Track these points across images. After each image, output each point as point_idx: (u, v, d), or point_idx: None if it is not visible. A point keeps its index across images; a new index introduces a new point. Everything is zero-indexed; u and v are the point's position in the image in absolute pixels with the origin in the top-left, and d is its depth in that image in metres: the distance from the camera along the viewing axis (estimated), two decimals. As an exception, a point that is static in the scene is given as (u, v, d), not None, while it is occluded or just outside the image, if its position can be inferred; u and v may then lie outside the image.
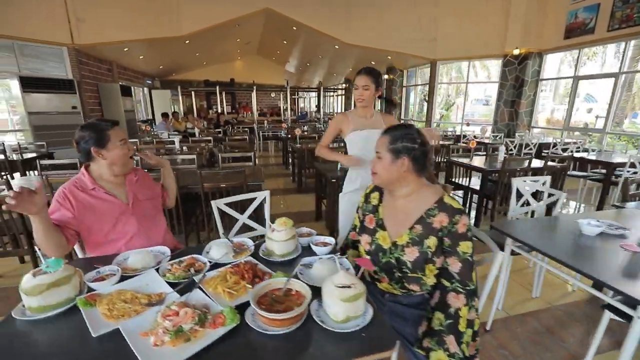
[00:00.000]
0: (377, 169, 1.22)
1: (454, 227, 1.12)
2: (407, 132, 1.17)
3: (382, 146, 1.20)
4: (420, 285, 1.20)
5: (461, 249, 1.13)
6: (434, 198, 1.17)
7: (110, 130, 1.44)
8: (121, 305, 1.00)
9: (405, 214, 1.21)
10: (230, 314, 0.92)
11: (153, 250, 1.38)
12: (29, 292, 0.96)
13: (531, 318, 2.11)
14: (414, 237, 1.17)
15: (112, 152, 1.44)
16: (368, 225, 1.31)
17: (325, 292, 0.94)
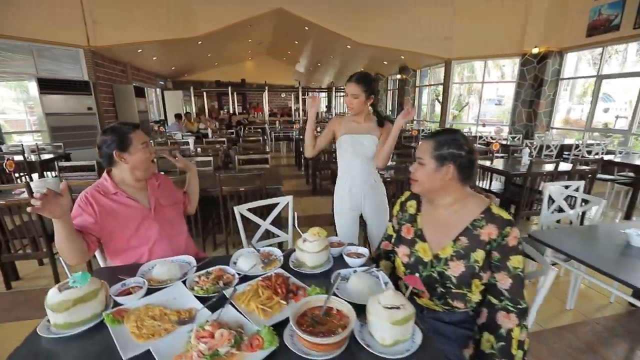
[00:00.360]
0: (418, 176, 1.13)
1: (504, 240, 1.04)
2: (453, 138, 1.08)
3: (425, 152, 1.11)
4: (465, 302, 1.11)
5: (512, 264, 1.04)
6: (479, 208, 1.09)
7: (132, 133, 1.41)
8: (150, 323, 0.94)
9: (448, 225, 1.13)
10: (268, 336, 0.85)
11: (178, 260, 1.32)
12: (55, 308, 0.90)
13: (568, 332, 1.99)
14: (459, 249, 1.08)
15: (134, 155, 1.41)
16: (405, 235, 1.23)
17: (372, 312, 0.86)
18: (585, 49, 6.76)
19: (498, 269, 1.05)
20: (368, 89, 1.82)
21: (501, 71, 9.76)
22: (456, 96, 10.54)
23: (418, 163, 1.13)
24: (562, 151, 5.84)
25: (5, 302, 2.31)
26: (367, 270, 1.21)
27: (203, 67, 14.32)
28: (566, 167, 3.51)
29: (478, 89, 9.39)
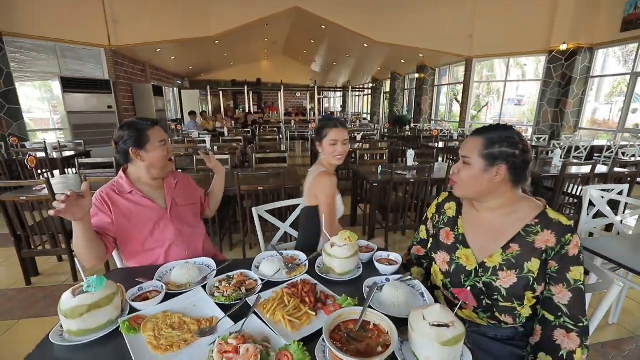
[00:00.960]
0: (462, 177, 1.01)
1: (564, 249, 0.92)
2: (507, 135, 0.96)
3: (472, 150, 0.98)
4: (515, 316, 0.99)
5: (572, 276, 0.92)
6: (533, 212, 0.97)
7: (150, 130, 1.35)
8: (168, 333, 0.86)
9: (495, 230, 1.01)
10: (298, 353, 0.76)
11: (197, 263, 1.25)
12: (68, 314, 0.84)
13: (612, 349, 1.83)
14: (510, 258, 0.97)
15: (151, 153, 1.35)
16: (445, 240, 1.11)
17: (417, 330, 0.75)
18: (619, 44, 6.39)
19: (555, 281, 0.94)
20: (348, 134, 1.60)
21: (522, 70, 9.39)
22: (475, 96, 10.23)
23: (463, 162, 1.01)
24: (593, 153, 5.54)
25: (25, 297, 2.31)
26: (401, 278, 1.10)
27: (219, 67, 14.46)
28: (602, 169, 3.29)
29: (497, 88, 9.07)
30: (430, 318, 0.75)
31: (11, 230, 2.30)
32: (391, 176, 2.73)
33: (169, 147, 1.43)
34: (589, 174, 2.99)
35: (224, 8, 7.80)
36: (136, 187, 1.38)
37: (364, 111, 17.75)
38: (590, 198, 2.12)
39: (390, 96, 13.34)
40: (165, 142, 1.39)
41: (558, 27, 6.79)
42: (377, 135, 6.91)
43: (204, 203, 1.67)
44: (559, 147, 4.67)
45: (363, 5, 8.40)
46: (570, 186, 3.13)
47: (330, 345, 0.73)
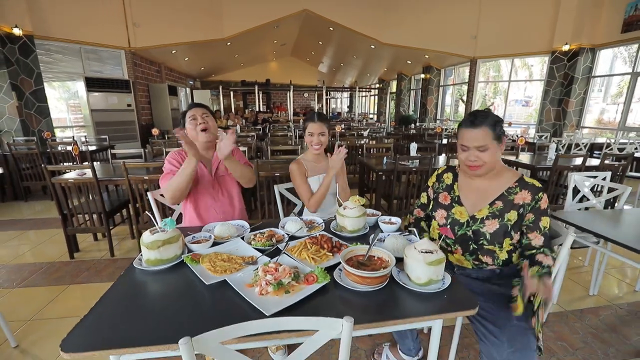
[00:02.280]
0: (486, 159, 1.21)
1: (537, 204, 1.22)
2: (494, 118, 1.21)
3: (485, 138, 1.19)
4: (494, 258, 1.27)
5: (542, 224, 1.22)
6: (513, 178, 1.28)
7: (189, 110, 1.69)
8: (221, 264, 1.14)
9: (484, 192, 1.30)
10: (321, 274, 1.03)
11: (233, 223, 1.53)
12: (149, 246, 1.12)
13: (591, 314, 2.05)
14: (495, 211, 1.25)
15: (186, 128, 1.68)
16: (443, 201, 1.39)
17: (409, 256, 1.02)
18: (620, 45, 6.55)
19: (531, 229, 1.22)
20: (329, 126, 1.85)
21: (529, 71, 9.55)
22: (481, 96, 10.40)
23: (480, 150, 1.20)
24: (593, 150, 5.71)
25: (71, 268, 2.63)
26: (401, 233, 1.36)
27: (230, 68, 14.86)
28: (595, 162, 3.50)
29: (504, 89, 9.24)
30: (419, 247, 1.02)
31: (59, 209, 2.62)
32: (395, 166, 2.99)
33: (201, 120, 1.67)
34: (580, 165, 3.21)
35: (236, 11, 8.15)
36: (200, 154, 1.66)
37: (370, 111, 17.99)
38: (574, 183, 2.35)
39: (397, 96, 13.57)
40: (194, 117, 1.66)
41: (560, 28, 6.97)
42: (384, 133, 7.16)
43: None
44: (556, 142, 4.86)
45: (370, 8, 8.67)
46: (563, 179, 3.35)
47: (344, 264, 1.00)
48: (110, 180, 2.77)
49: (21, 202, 4.44)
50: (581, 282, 2.42)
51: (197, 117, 1.68)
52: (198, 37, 8.07)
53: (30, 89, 5.65)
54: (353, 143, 4.98)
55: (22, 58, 5.50)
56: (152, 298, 1.00)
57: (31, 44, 5.62)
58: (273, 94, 16.62)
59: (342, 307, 0.94)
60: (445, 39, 8.65)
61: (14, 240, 3.18)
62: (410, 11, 8.69)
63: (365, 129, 7.22)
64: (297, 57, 16.81)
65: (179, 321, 0.87)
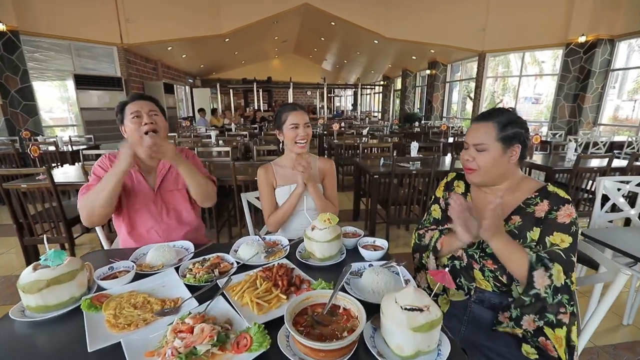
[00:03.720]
0: (481, 163, 0.99)
1: (551, 214, 0.94)
2: (514, 116, 0.99)
3: (486, 135, 0.98)
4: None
5: (551, 239, 0.91)
6: (535, 187, 1.00)
7: (130, 103, 1.32)
8: (129, 312, 0.82)
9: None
10: (258, 336, 0.70)
11: (176, 245, 1.21)
12: (27, 289, 0.81)
13: (627, 352, 1.70)
14: (512, 229, 0.98)
15: (126, 127, 1.31)
16: None
17: (387, 315, 0.68)
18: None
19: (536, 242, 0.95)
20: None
21: (540, 67, 9.06)
22: (490, 93, 9.94)
23: (477, 150, 0.99)
24: (612, 149, 5.26)
25: (25, 284, 2.34)
26: (385, 264, 1.03)
27: (230, 66, 14.59)
28: (620, 163, 3.09)
29: (513, 86, 8.78)
30: (402, 301, 0.68)
31: (13, 217, 2.34)
32: (392, 168, 2.64)
33: (145, 120, 1.28)
34: (605, 167, 2.82)
35: (234, 6, 7.85)
36: (137, 160, 1.34)
37: (374, 109, 17.57)
38: (604, 190, 1.98)
39: (401, 93, 13.14)
40: (139, 115, 1.27)
41: (576, 18, 6.50)
42: (386, 131, 6.79)
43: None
44: (573, 140, 4.44)
45: (372, 1, 8.28)
46: (585, 182, 2.96)
47: (290, 327, 0.66)
48: (71, 184, 2.48)
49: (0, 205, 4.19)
50: (614, 308, 2.03)
51: (142, 114, 1.29)
52: (194, 33, 7.80)
53: (15, 87, 5.42)
54: (351, 142, 4.63)
55: (7, 54, 5.27)
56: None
57: (16, 39, 5.37)
58: (275, 92, 16.32)
59: (280, 396, 0.61)
60: (452, 32, 8.22)
61: (-25, 249, 2.92)
62: (414, 4, 8.28)
63: (366, 126, 6.86)
64: (300, 55, 16.46)
65: None
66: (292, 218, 1.50)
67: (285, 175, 1.51)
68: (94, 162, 2.65)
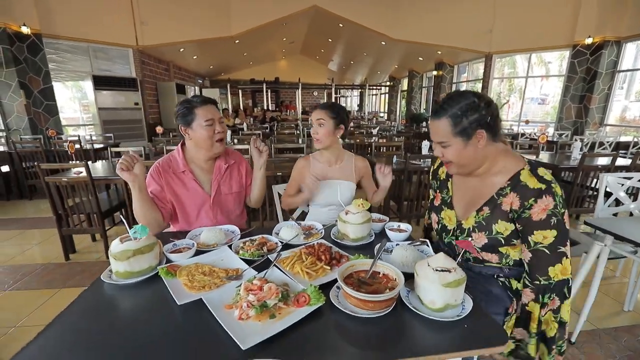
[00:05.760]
0: (450, 157, 1.01)
1: (525, 213, 0.94)
2: (466, 102, 0.94)
3: (444, 134, 0.98)
4: (502, 256, 1.05)
5: (533, 238, 0.94)
6: (509, 173, 0.99)
7: (200, 107, 1.34)
8: (200, 277, 0.98)
9: (478, 192, 1.06)
10: (314, 293, 0.86)
11: (223, 229, 1.37)
12: (117, 257, 0.97)
13: (626, 334, 1.82)
14: (481, 220, 1.03)
15: (196, 132, 1.35)
16: (435, 203, 1.22)
17: (422, 275, 0.84)
18: (648, 38, 6.14)
19: (521, 240, 0.99)
20: (337, 116, 1.54)
21: (546, 68, 9.14)
22: (496, 94, 10.02)
23: (441, 146, 1.01)
24: (618, 149, 5.35)
25: (65, 270, 2.52)
26: (411, 243, 1.18)
27: (239, 67, 14.80)
28: (624, 162, 3.21)
29: (520, 86, 8.86)
30: (434, 264, 0.84)
31: (54, 209, 2.52)
32: (405, 165, 2.79)
33: (219, 127, 1.38)
34: (609, 165, 2.94)
35: (244, 8, 8.04)
36: (189, 167, 1.41)
37: (381, 110, 17.69)
38: (606, 185, 2.11)
39: (408, 94, 13.26)
40: (213, 122, 1.36)
41: (583, 20, 6.59)
42: (394, 131, 6.93)
43: (248, 190, 1.61)
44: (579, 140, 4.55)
45: (380, 3, 8.43)
46: (590, 180, 3.08)
47: (342, 284, 0.82)
48: (105, 179, 2.66)
49: (26, 200, 4.41)
50: (613, 295, 2.18)
51: (216, 122, 1.37)
52: (206, 34, 8.00)
53: (38, 88, 5.65)
54: (362, 142, 4.79)
55: (30, 56, 5.50)
56: (116, 319, 0.84)
57: (39, 42, 5.61)
58: (282, 93, 16.52)
59: (336, 337, 0.77)
60: (459, 34, 8.33)
61: (13, 240, 3.12)
62: (422, 5, 8.41)
63: (375, 127, 7.00)
64: (307, 55, 16.63)
65: (142, 351, 0.72)
66: (326, 212, 1.67)
67: (321, 170, 1.65)
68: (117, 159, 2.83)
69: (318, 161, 1.68)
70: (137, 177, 1.23)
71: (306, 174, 1.64)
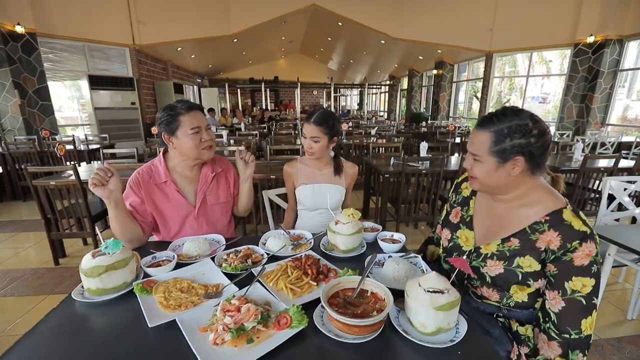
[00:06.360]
0: (477, 174, 0.92)
1: (566, 256, 0.83)
2: (518, 123, 0.85)
3: (480, 147, 0.89)
4: (503, 296, 0.96)
5: (571, 286, 0.82)
6: (547, 209, 0.88)
7: (184, 115, 1.24)
8: (177, 295, 0.92)
9: (504, 221, 0.96)
10: (297, 315, 0.79)
11: (207, 238, 1.31)
12: (88, 273, 0.91)
13: (630, 345, 1.76)
14: (505, 250, 0.92)
15: (181, 140, 1.25)
16: (452, 219, 1.12)
17: (412, 296, 0.77)
18: (651, 36, 6.05)
19: (552, 286, 0.86)
20: (331, 131, 1.50)
21: (547, 66, 9.05)
22: (496, 93, 9.93)
23: (473, 159, 0.92)
24: (621, 149, 5.28)
25: (54, 276, 2.47)
26: (403, 256, 1.12)
27: (237, 66, 14.74)
28: (627, 163, 3.14)
29: (520, 85, 8.77)
30: (425, 284, 0.77)
31: (42, 213, 2.46)
32: (403, 167, 2.72)
33: (206, 135, 1.29)
34: (612, 167, 2.87)
35: (242, 7, 7.97)
36: (171, 177, 1.32)
37: (380, 109, 17.61)
38: (610, 190, 2.04)
39: (408, 93, 13.18)
40: (200, 130, 1.27)
41: (585, 18, 6.50)
42: (393, 131, 6.86)
43: (235, 200, 1.53)
44: (582, 142, 4.48)
45: (380, 1, 8.35)
46: (592, 182, 3.01)
47: (327, 306, 0.76)
48: (95, 182, 2.60)
49: (19, 202, 4.35)
50: (616, 302, 2.11)
51: (203, 129, 1.28)
52: (204, 33, 7.93)
53: (33, 87, 5.59)
54: (360, 142, 4.72)
55: (25, 56, 5.43)
56: (84, 342, 0.78)
57: (34, 41, 5.54)
58: (281, 92, 16.46)
59: (319, 365, 0.71)
60: (459, 33, 8.25)
61: (5, 243, 3.07)
62: (422, 3, 8.32)
63: (374, 126, 6.93)
64: (306, 54, 16.55)
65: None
66: (315, 216, 1.60)
67: (310, 174, 1.60)
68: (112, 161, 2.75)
69: (306, 165, 1.63)
70: (112, 193, 1.13)
71: (294, 178, 1.59)
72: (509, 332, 0.99)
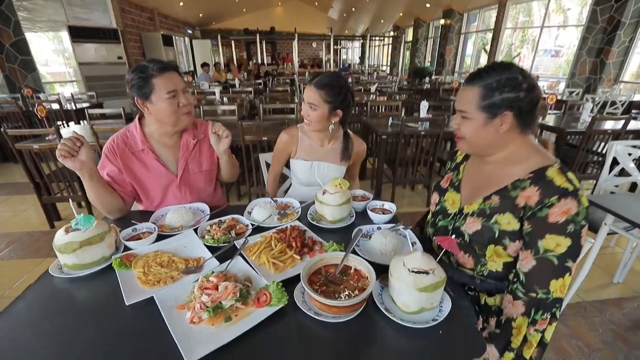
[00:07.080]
0: (465, 132, 0.89)
1: (542, 211, 0.79)
2: (508, 77, 0.81)
3: (468, 102, 0.86)
4: (477, 263, 0.94)
5: (544, 244, 0.79)
6: (532, 167, 0.85)
7: (158, 77, 1.12)
8: (157, 270, 0.90)
9: (490, 181, 0.93)
10: (276, 292, 0.77)
11: (192, 207, 1.26)
12: (62, 249, 0.88)
13: (613, 307, 1.81)
14: (485, 208, 0.90)
15: (157, 106, 1.14)
16: (442, 184, 1.10)
17: (395, 276, 0.74)
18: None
19: (525, 245, 0.84)
20: (334, 100, 1.29)
21: (564, 15, 8.38)
22: (507, 45, 9.33)
23: (461, 116, 0.89)
24: (631, 108, 5.08)
25: (50, 239, 2.48)
26: (393, 227, 1.08)
27: (231, 14, 13.73)
28: (636, 125, 3.01)
29: (533, 37, 8.20)
30: (410, 264, 0.73)
31: (29, 177, 2.41)
32: (401, 128, 2.61)
33: (184, 98, 1.18)
34: (620, 129, 2.75)
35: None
36: (149, 144, 1.24)
37: (383, 63, 16.76)
38: (615, 154, 1.97)
39: (412, 46, 12.44)
40: (176, 94, 1.16)
41: (611, -40, 5.86)
42: (394, 87, 6.56)
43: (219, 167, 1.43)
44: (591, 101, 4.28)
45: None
46: (598, 144, 2.91)
47: (306, 286, 0.73)
48: (81, 144, 2.51)
49: (12, 164, 4.29)
50: (604, 266, 2.14)
51: (179, 93, 1.16)
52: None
53: (9, 40, 5.21)
54: (360, 100, 4.51)
55: (-4, 4, 4.99)
56: (60, 319, 0.76)
57: (4, -14, 5.05)
58: (278, 44, 15.54)
59: (297, 344, 0.69)
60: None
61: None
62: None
63: (374, 82, 6.62)
64: (305, 2, 15.34)
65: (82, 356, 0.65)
66: (310, 190, 1.49)
67: (309, 148, 1.45)
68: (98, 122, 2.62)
69: (307, 136, 1.45)
70: (84, 164, 1.05)
71: (292, 149, 1.46)
72: (477, 305, 0.99)
